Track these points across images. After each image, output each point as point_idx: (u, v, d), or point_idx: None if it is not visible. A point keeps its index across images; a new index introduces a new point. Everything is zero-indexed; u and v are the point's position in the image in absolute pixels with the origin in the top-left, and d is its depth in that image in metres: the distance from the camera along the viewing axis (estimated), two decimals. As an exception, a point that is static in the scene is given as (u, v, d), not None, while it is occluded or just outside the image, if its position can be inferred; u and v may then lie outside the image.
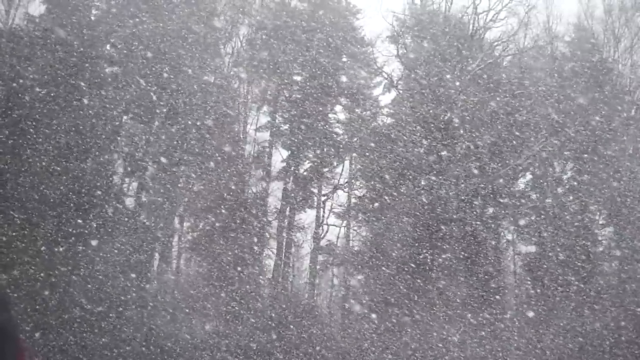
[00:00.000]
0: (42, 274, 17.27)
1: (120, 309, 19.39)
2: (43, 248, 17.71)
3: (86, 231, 19.70)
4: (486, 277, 24.36)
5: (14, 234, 17.12)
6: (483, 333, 22.19)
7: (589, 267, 25.05)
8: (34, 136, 19.44)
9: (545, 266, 25.29)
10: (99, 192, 20.71)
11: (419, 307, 22.65)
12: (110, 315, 18.90)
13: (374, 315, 23.73)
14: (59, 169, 19.12)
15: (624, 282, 24.49)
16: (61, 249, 18.26)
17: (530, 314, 23.81)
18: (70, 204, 19.48)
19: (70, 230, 19.20)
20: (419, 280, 23.47)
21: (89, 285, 18.53)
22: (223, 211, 25.24)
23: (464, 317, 22.47)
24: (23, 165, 18.48)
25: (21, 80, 19.96)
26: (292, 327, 23.44)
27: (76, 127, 20.73)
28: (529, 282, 26.34)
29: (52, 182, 18.80)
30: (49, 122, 19.91)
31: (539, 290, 25.07)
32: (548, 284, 24.52)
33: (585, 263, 25.10)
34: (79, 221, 19.51)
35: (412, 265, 24.06)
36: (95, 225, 20.13)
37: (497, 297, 24.47)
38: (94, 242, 19.71)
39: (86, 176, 20.12)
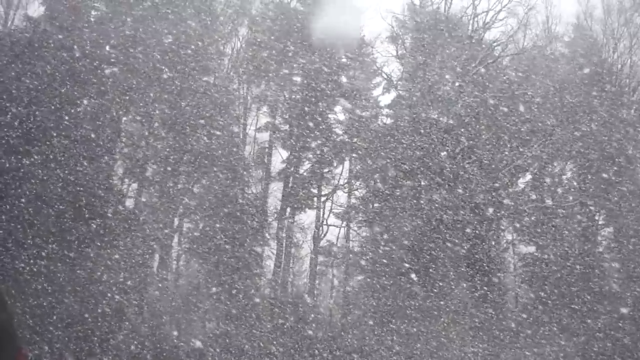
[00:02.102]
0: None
1: (121, 311, 19.36)
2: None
3: (89, 236, 19.66)
4: (487, 277, 24.32)
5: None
6: (483, 335, 22.15)
7: (589, 268, 25.00)
8: (34, 139, 19.37)
9: (545, 266, 25.25)
10: (101, 195, 20.64)
11: (419, 308, 22.62)
12: (110, 317, 18.87)
13: (374, 316, 23.69)
14: (61, 174, 19.02)
15: (624, 283, 24.46)
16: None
17: (531, 315, 23.76)
18: (74, 210, 19.36)
19: (72, 238, 19.12)
20: (419, 281, 23.44)
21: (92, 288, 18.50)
22: (223, 212, 25.21)
23: (464, 318, 22.43)
24: (25, 171, 18.36)
25: (20, 82, 19.91)
26: (291, 328, 23.40)
27: (76, 129, 20.68)
28: (529, 283, 26.29)
29: (56, 188, 18.67)
30: (49, 124, 19.87)
31: (539, 291, 25.03)
32: (548, 284, 24.48)
33: (586, 263, 25.05)
34: (82, 227, 19.44)
35: (412, 265, 24.03)
36: (95, 228, 20.08)
37: (498, 298, 24.43)
38: (97, 245, 19.68)
39: (87, 179, 20.04)
